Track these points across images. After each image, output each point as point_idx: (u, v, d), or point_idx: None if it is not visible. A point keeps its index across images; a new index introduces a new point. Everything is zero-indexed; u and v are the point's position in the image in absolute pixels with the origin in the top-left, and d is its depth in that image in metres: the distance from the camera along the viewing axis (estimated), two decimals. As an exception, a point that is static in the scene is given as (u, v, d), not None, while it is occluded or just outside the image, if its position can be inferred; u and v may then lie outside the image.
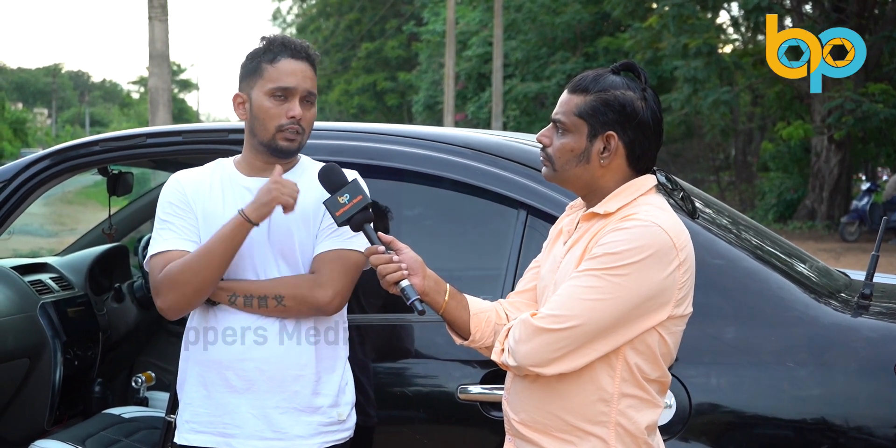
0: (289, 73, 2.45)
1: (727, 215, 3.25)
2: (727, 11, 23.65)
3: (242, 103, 2.51)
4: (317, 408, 2.49)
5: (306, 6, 52.20)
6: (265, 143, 2.48)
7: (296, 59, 2.47)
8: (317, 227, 2.50)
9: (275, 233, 2.47)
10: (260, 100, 2.46)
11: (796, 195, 21.27)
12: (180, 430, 2.56)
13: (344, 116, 45.53)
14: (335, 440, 2.52)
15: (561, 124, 2.12)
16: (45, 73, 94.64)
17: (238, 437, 2.47)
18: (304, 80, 2.47)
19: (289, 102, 2.46)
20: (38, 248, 10.38)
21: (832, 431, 2.51)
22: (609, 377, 2.05)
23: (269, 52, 2.47)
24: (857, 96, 16.95)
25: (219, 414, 2.48)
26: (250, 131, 2.51)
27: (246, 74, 2.50)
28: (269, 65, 2.46)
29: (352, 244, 2.47)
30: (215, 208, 2.50)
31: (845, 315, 2.67)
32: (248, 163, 2.55)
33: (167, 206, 2.53)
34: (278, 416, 2.46)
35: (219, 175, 2.56)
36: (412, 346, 2.83)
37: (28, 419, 3.82)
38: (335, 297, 2.45)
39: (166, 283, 2.40)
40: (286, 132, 2.46)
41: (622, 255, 1.98)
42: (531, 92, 26.07)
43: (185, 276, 2.38)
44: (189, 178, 2.57)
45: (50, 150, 3.32)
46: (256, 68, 2.47)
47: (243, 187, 2.51)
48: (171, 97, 13.59)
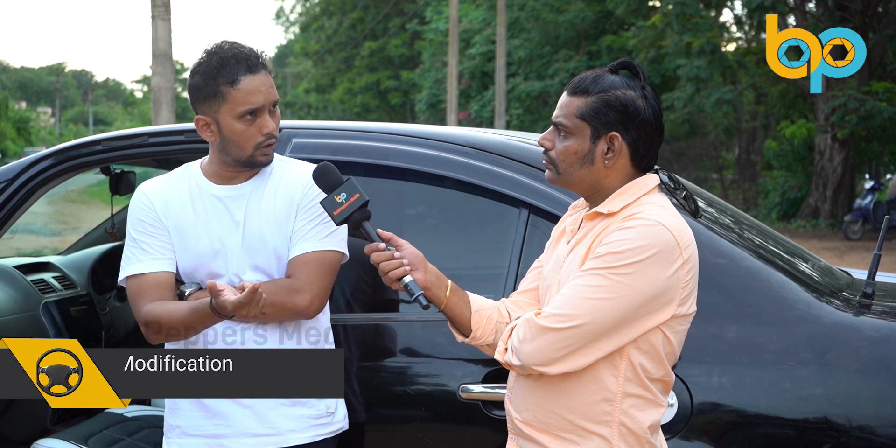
0: (253, 93, 2.38)
1: (729, 214, 3.25)
2: (730, 10, 23.66)
3: (207, 125, 2.44)
4: (304, 401, 2.47)
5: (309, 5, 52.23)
6: (242, 160, 2.44)
7: (253, 73, 2.38)
8: (290, 229, 2.47)
9: (249, 240, 2.45)
10: (230, 124, 2.40)
11: (800, 194, 21.25)
12: (169, 434, 2.54)
13: (347, 115, 45.57)
14: (327, 432, 2.52)
15: (563, 127, 2.11)
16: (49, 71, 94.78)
17: (229, 436, 2.45)
18: (269, 93, 2.41)
19: (259, 119, 2.40)
20: (41, 246, 10.40)
21: (834, 430, 2.50)
22: (613, 377, 2.05)
23: (225, 73, 2.37)
24: (861, 95, 16.94)
25: (208, 416, 2.47)
26: (222, 150, 2.45)
27: (204, 97, 2.40)
28: (231, 87, 2.37)
29: (326, 245, 2.45)
30: (187, 220, 2.48)
31: (847, 314, 2.67)
32: (216, 172, 2.51)
33: (137, 224, 2.50)
34: (267, 411, 2.44)
35: (186, 184, 2.52)
36: (414, 345, 2.83)
37: (30, 418, 3.82)
38: (313, 301, 2.43)
39: (150, 326, 2.42)
40: (263, 148, 2.42)
41: (626, 254, 1.98)
42: (534, 90, 26.05)
43: (164, 329, 2.40)
44: (156, 191, 2.52)
45: (53, 149, 3.33)
46: (216, 92, 2.38)
47: (213, 196, 2.49)
48: (174, 96, 13.59)
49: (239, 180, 2.49)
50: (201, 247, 2.45)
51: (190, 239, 2.46)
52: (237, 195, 2.48)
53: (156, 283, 2.45)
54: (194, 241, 2.46)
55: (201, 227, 2.45)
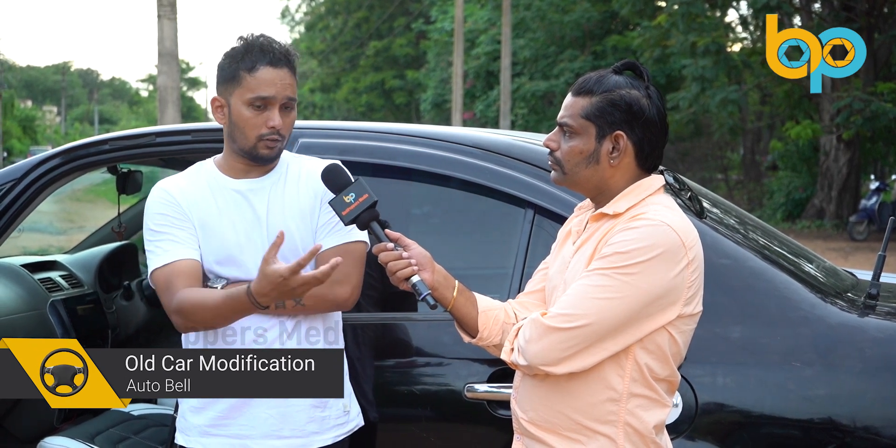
0: (268, 83, 2.39)
1: (734, 215, 3.25)
2: (736, 10, 23.60)
3: (221, 107, 2.46)
4: (325, 402, 2.48)
5: (314, 4, 52.20)
6: (245, 150, 2.45)
7: (275, 66, 2.40)
8: (315, 223, 2.48)
9: (272, 234, 2.43)
10: (238, 108, 2.41)
11: (805, 194, 21.22)
12: (189, 433, 2.53)
13: (352, 114, 45.55)
14: (346, 432, 2.54)
15: (568, 127, 2.12)
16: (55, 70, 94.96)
17: (253, 437, 2.44)
18: (284, 88, 2.41)
19: (268, 111, 2.41)
20: (48, 245, 10.41)
21: (838, 431, 2.51)
22: (619, 376, 2.05)
23: (248, 59, 2.40)
24: (866, 96, 16.92)
25: (234, 416, 2.46)
26: (229, 136, 2.47)
27: (224, 79, 2.44)
28: (248, 73, 2.39)
29: (354, 236, 2.46)
30: (211, 215, 2.47)
31: (852, 315, 2.67)
32: (231, 165, 2.51)
33: (159, 218, 2.46)
34: (293, 413, 2.45)
35: (205, 180, 2.52)
36: (420, 345, 2.84)
37: (37, 416, 3.84)
38: (353, 292, 2.45)
39: (182, 313, 2.35)
40: (266, 141, 2.42)
41: (632, 254, 1.99)
42: (539, 90, 26.03)
43: (198, 316, 2.34)
44: (178, 187, 2.51)
45: (60, 148, 3.34)
46: (234, 75, 2.41)
47: (233, 190, 2.49)
48: (179, 95, 13.63)
49: (254, 174, 2.50)
50: (228, 241, 2.44)
51: (216, 234, 2.44)
52: (258, 188, 2.49)
53: (187, 270, 2.40)
54: (220, 237, 2.45)
55: (226, 221, 2.45)
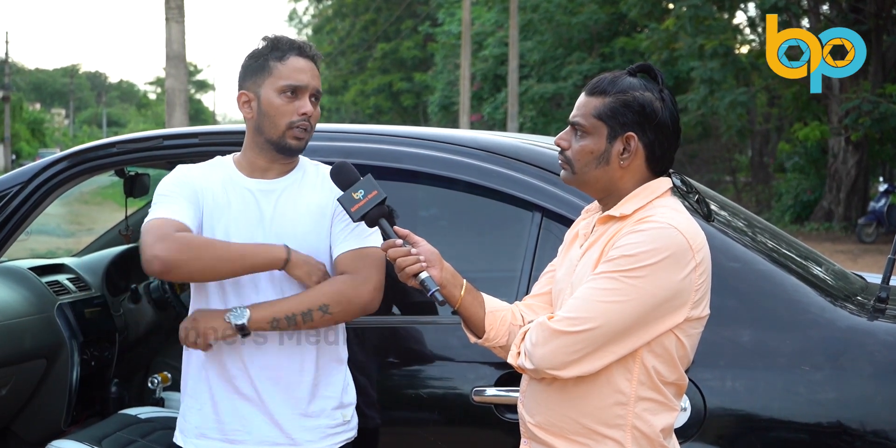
0: (299, 71, 2.46)
1: (742, 218, 3.24)
2: (744, 12, 23.59)
3: (248, 102, 2.49)
4: (322, 411, 2.49)
5: (322, 7, 52.31)
6: (273, 140, 2.46)
7: (304, 57, 2.48)
8: (328, 228, 2.48)
9: (270, 237, 2.44)
10: (270, 97, 2.45)
11: (813, 196, 21.18)
12: (186, 434, 2.54)
13: (360, 117, 45.63)
14: (342, 441, 2.53)
15: (580, 127, 2.12)
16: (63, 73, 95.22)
17: (248, 443, 2.45)
18: (314, 78, 2.48)
19: (299, 100, 2.45)
20: (56, 248, 10.43)
21: (848, 435, 2.49)
22: (626, 380, 2.05)
23: (278, 50, 2.47)
24: (875, 97, 16.88)
25: (227, 420, 2.47)
26: (256, 129, 2.49)
27: (251, 73, 2.49)
28: (279, 62, 2.45)
29: (370, 242, 2.45)
30: (219, 207, 2.47)
31: (861, 318, 2.65)
32: (250, 162, 2.52)
33: (172, 187, 2.47)
34: (288, 421, 2.45)
35: (220, 174, 2.53)
36: (427, 348, 2.83)
37: (45, 419, 3.84)
38: (377, 293, 2.44)
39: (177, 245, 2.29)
40: (296, 130, 2.45)
41: (639, 257, 1.98)
42: (547, 92, 26.04)
43: (200, 252, 2.32)
44: (195, 173, 2.53)
45: (68, 152, 3.34)
46: (264, 66, 2.46)
47: (245, 189, 2.49)
48: (187, 98, 13.65)
49: (272, 174, 2.50)
50: (228, 237, 2.44)
51: (219, 226, 2.45)
52: (269, 190, 2.49)
53: (181, 226, 2.37)
54: (221, 231, 2.45)
55: (230, 217, 2.45)
